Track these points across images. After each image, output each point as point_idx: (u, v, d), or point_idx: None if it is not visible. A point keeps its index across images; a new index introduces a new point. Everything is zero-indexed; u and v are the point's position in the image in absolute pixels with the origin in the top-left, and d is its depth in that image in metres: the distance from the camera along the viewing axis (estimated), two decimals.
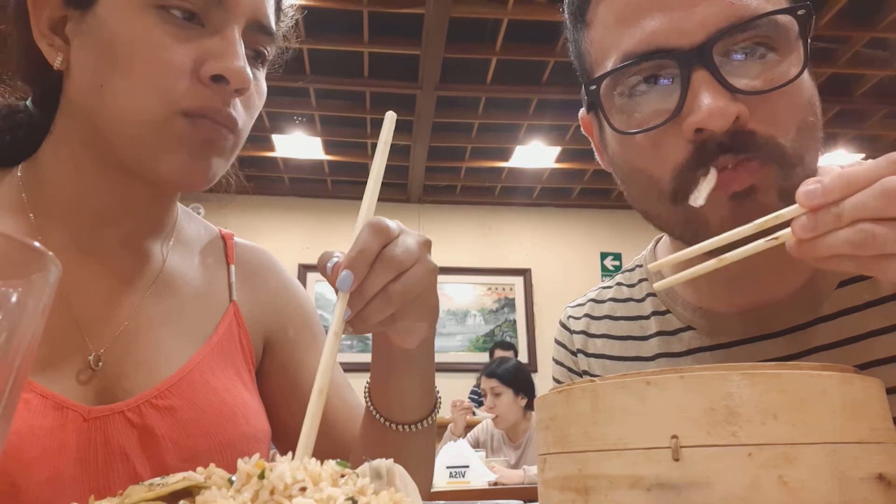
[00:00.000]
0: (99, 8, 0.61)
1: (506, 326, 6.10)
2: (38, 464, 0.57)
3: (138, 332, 0.67)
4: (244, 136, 0.67)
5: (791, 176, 0.59)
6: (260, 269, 0.82)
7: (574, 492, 0.39)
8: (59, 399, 0.60)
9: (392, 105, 0.64)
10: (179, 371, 0.67)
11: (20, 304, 0.33)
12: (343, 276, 0.56)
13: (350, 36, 4.03)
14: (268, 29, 0.66)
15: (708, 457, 0.35)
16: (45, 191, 0.66)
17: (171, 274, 0.72)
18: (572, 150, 5.49)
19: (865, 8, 3.83)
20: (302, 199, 6.18)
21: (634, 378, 0.38)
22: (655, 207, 0.66)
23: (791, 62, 0.60)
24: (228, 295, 0.77)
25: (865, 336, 0.67)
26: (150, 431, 0.63)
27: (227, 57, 0.60)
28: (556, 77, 4.46)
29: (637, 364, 0.79)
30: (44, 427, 0.58)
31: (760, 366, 0.38)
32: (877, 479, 0.35)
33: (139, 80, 0.59)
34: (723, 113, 0.57)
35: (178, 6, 0.60)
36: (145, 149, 0.61)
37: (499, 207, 6.40)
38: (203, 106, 0.60)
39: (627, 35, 0.62)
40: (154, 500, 0.39)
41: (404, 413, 0.68)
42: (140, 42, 0.59)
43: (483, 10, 3.83)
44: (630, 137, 0.64)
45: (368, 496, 0.39)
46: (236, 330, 0.75)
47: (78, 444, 0.60)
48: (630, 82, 0.63)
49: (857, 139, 5.25)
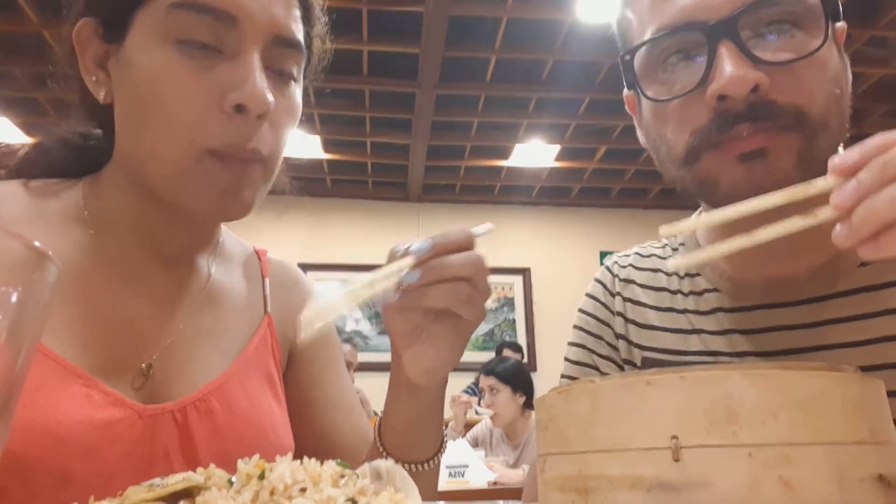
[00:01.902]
0: (128, 42, 0.63)
1: (505, 326, 6.10)
2: (92, 454, 0.59)
3: (185, 341, 0.71)
4: (278, 158, 0.68)
5: (814, 143, 0.62)
6: (290, 284, 0.85)
7: (574, 492, 0.39)
8: (117, 397, 0.63)
9: (392, 103, 0.64)
10: (219, 378, 0.70)
11: (20, 304, 0.33)
12: (423, 243, 0.57)
13: (349, 34, 4.02)
14: (292, 41, 0.65)
15: (708, 457, 0.35)
16: (105, 209, 0.69)
17: (215, 287, 0.76)
18: (572, 149, 5.49)
19: (864, 6, 3.82)
20: (301, 198, 6.18)
21: (634, 378, 0.38)
22: (673, 172, 0.70)
23: (814, 37, 0.63)
24: (263, 307, 0.80)
25: (882, 313, 0.68)
26: (190, 432, 0.66)
27: (244, 84, 0.60)
28: (555, 76, 4.46)
29: (669, 315, 0.83)
30: (102, 420, 0.61)
31: (760, 366, 0.38)
32: (877, 480, 0.35)
33: (164, 121, 0.61)
34: (743, 79, 0.61)
35: (192, 38, 0.60)
36: (177, 189, 0.63)
37: (498, 206, 6.40)
38: (228, 143, 0.61)
39: (660, 11, 0.67)
40: (154, 501, 0.39)
41: (408, 451, 0.69)
42: (160, 78, 0.60)
43: (482, 9, 3.83)
44: (661, 107, 0.69)
45: (368, 497, 0.39)
46: (270, 341, 0.78)
47: (130, 440, 0.62)
48: (662, 55, 0.68)
49: (857, 138, 5.23)
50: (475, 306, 0.60)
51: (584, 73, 4.37)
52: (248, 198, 0.65)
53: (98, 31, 0.65)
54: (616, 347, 0.87)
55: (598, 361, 0.88)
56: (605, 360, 0.88)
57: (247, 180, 0.64)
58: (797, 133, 0.62)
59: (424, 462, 0.70)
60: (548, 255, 6.25)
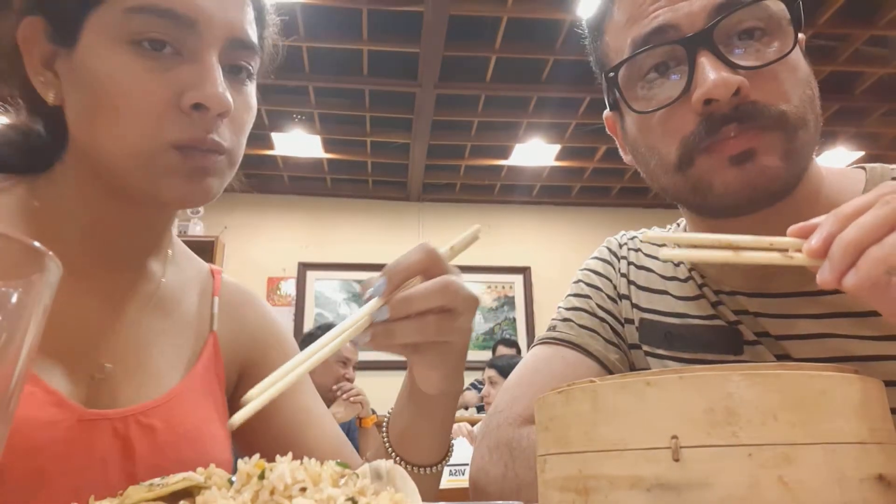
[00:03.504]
0: (80, 46, 0.62)
1: (505, 325, 6.10)
2: (26, 455, 0.58)
3: (136, 346, 0.70)
4: (238, 153, 0.68)
5: (795, 139, 0.67)
6: (243, 304, 0.85)
7: (574, 492, 0.39)
8: (59, 397, 0.62)
9: (391, 103, 0.64)
10: (166, 395, 0.70)
11: (20, 304, 0.33)
12: (379, 282, 0.56)
13: (349, 34, 4.02)
14: (247, 43, 0.67)
15: (708, 457, 0.35)
16: (54, 207, 0.68)
17: (166, 293, 0.76)
18: (572, 148, 5.49)
19: (865, 6, 3.82)
20: (301, 198, 6.18)
21: (634, 378, 0.38)
22: (665, 181, 0.73)
23: (784, 43, 0.68)
24: (210, 325, 0.80)
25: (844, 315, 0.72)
26: (130, 444, 0.65)
27: (205, 85, 0.61)
28: (555, 75, 4.46)
29: (658, 297, 0.87)
30: (40, 420, 0.59)
31: (760, 366, 0.38)
32: (877, 480, 0.36)
33: (124, 118, 0.61)
34: (726, 82, 0.64)
35: (150, 39, 0.61)
36: (142, 178, 0.63)
37: (498, 205, 6.40)
38: (191, 137, 0.62)
39: (637, 27, 0.71)
40: (154, 501, 0.39)
41: (414, 453, 0.70)
42: (118, 79, 0.60)
43: (482, 8, 3.83)
44: (646, 120, 0.72)
45: (368, 497, 0.39)
46: (214, 361, 0.78)
47: (66, 442, 0.61)
48: (644, 69, 0.72)
49: (857, 137, 5.25)
50: (452, 331, 0.59)
51: (584, 72, 4.31)
52: (214, 185, 0.65)
53: (45, 31, 0.64)
54: (616, 301, 0.90)
55: (596, 309, 0.90)
56: (602, 311, 0.89)
57: (211, 168, 0.64)
58: (780, 131, 0.66)
59: (430, 466, 0.70)
60: (548, 254, 6.25)
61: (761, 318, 0.76)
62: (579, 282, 0.95)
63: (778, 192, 0.68)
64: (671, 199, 0.76)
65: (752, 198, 0.67)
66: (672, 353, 0.82)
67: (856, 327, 0.71)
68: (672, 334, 0.82)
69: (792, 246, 0.51)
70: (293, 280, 5.90)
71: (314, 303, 5.88)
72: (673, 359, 0.81)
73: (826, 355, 0.71)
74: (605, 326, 0.88)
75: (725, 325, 0.78)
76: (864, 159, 5.19)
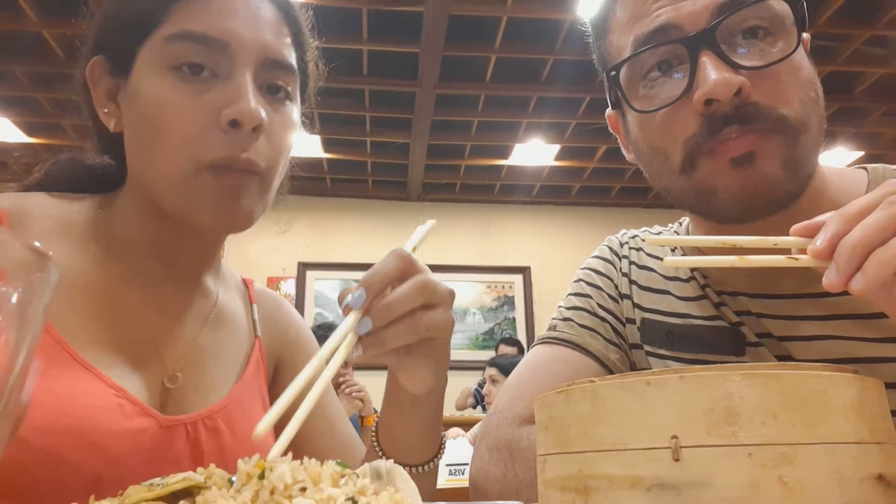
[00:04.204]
0: (133, 75, 0.69)
1: (505, 324, 6.10)
2: (120, 461, 0.62)
3: (198, 357, 0.75)
4: (272, 175, 0.71)
5: (796, 144, 0.66)
6: (275, 308, 0.91)
7: (574, 492, 0.39)
8: (144, 407, 0.67)
9: (391, 103, 0.64)
10: (224, 399, 0.75)
11: (21, 305, 0.33)
12: (357, 293, 0.56)
13: (349, 34, 4.02)
14: (281, 63, 0.71)
15: (708, 457, 0.35)
16: (119, 228, 0.74)
17: (222, 308, 0.81)
18: (572, 148, 5.49)
19: (864, 5, 3.82)
20: (301, 198, 6.18)
21: (634, 378, 0.38)
22: (670, 183, 0.73)
23: (787, 43, 0.67)
24: (254, 331, 0.86)
25: (846, 317, 0.72)
26: (199, 447, 0.70)
27: (238, 101, 0.65)
28: (555, 75, 4.46)
29: (659, 297, 0.86)
30: (131, 429, 0.64)
31: (760, 366, 0.38)
32: (877, 480, 0.36)
33: (167, 140, 0.65)
34: (727, 83, 0.64)
35: (188, 63, 0.66)
36: (181, 202, 0.67)
37: (498, 205, 6.40)
38: (225, 156, 0.65)
39: (639, 26, 0.71)
40: (154, 501, 0.39)
41: (407, 455, 0.71)
42: (161, 103, 0.65)
43: (482, 8, 3.83)
44: (648, 119, 0.71)
45: (368, 496, 0.39)
46: (261, 364, 0.84)
47: (150, 448, 0.66)
48: (645, 68, 0.71)
49: (857, 136, 5.25)
50: (438, 324, 0.60)
51: (583, 72, 4.37)
52: (247, 207, 0.68)
53: (107, 68, 0.71)
54: (617, 300, 0.89)
55: (596, 309, 0.89)
56: (603, 311, 0.89)
57: (242, 190, 0.67)
58: (780, 135, 0.66)
59: (423, 465, 0.71)
60: (548, 254, 6.25)
61: (764, 320, 0.76)
62: (580, 281, 0.94)
63: (780, 200, 0.67)
64: (674, 202, 0.75)
65: (754, 204, 0.67)
66: (673, 353, 0.81)
67: (859, 329, 0.70)
68: (674, 334, 0.82)
69: (796, 246, 0.50)
70: (293, 280, 5.90)
71: (314, 302, 5.89)
72: (674, 359, 0.81)
73: (829, 357, 0.70)
74: (605, 326, 0.88)
75: (728, 325, 0.78)
76: (863, 159, 5.19)
